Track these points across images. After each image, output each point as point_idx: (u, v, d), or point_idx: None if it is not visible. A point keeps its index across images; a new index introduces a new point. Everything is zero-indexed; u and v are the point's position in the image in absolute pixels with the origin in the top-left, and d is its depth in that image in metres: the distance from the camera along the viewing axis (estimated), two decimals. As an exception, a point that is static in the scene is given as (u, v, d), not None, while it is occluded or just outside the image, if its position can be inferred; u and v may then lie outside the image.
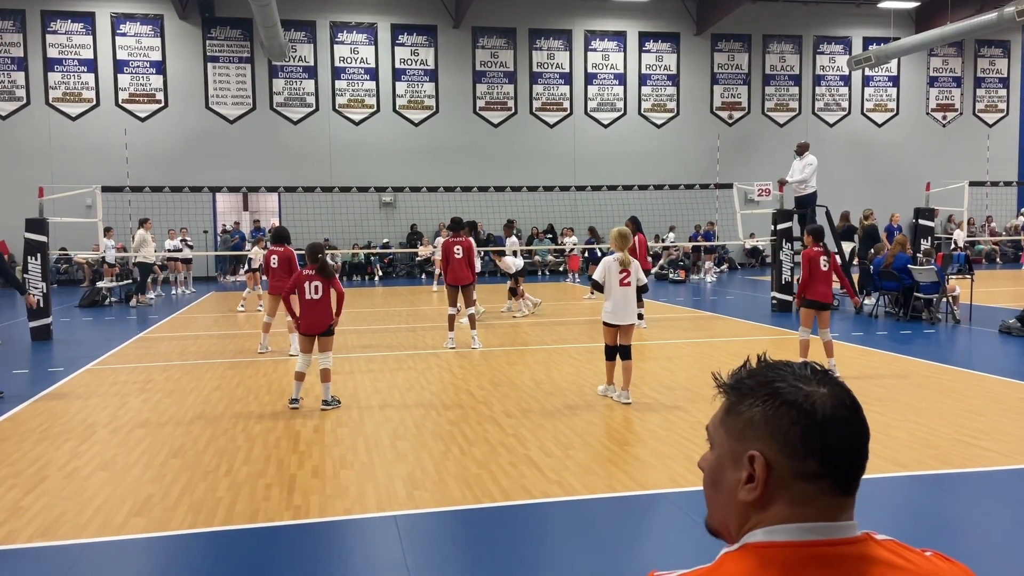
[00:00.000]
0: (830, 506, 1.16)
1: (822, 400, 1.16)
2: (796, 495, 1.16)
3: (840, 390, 1.19)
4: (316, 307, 7.69)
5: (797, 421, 1.16)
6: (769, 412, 1.18)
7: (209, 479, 5.63)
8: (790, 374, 1.21)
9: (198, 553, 4.52)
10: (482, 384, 8.81)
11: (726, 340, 11.85)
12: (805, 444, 1.15)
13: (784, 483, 1.17)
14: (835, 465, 1.16)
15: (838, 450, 1.15)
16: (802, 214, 14.99)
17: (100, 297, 17.65)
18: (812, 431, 1.15)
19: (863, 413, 1.19)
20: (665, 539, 4.73)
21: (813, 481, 1.16)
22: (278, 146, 24.70)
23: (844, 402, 1.17)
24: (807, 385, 1.19)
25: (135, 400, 8.20)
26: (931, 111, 29.46)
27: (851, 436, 1.17)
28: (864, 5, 27.88)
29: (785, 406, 1.17)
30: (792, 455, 1.16)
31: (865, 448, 1.18)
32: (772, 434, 1.17)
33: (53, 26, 23.71)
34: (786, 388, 1.19)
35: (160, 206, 19.61)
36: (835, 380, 1.21)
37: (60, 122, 23.71)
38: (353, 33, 25.47)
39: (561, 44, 26.78)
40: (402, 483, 5.50)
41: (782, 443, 1.17)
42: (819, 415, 1.15)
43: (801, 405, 1.16)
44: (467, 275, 10.97)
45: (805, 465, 1.15)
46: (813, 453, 1.15)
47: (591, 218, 23.80)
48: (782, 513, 1.17)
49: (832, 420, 1.15)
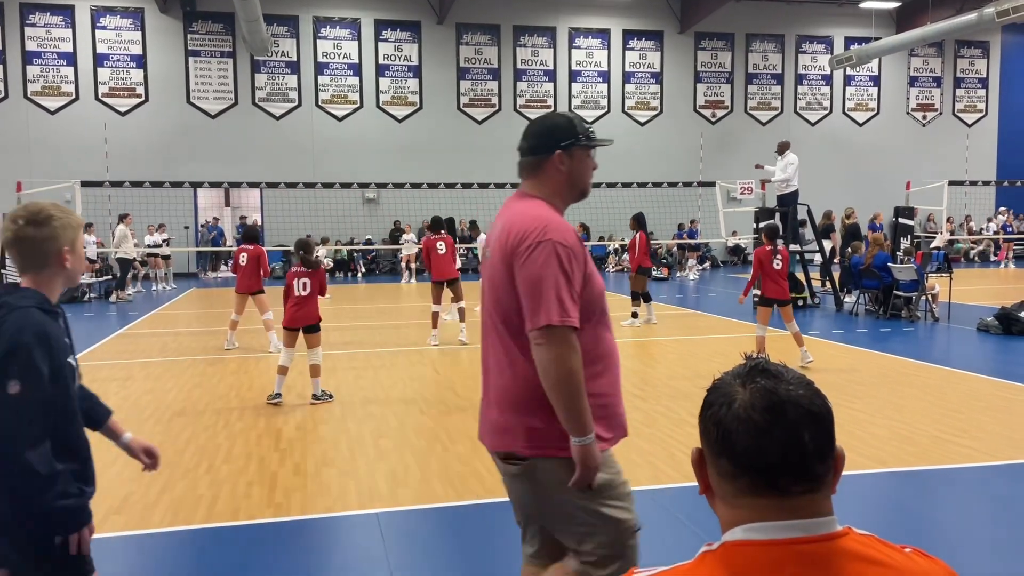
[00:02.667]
0: (765, 507, 1.15)
1: (735, 399, 1.18)
2: (725, 494, 1.20)
3: (762, 390, 1.17)
4: (303, 303, 7.69)
5: (711, 419, 1.21)
6: (704, 410, 1.24)
7: (189, 477, 5.59)
8: (731, 373, 1.24)
9: (178, 551, 4.49)
10: (465, 381, 8.80)
11: (709, 337, 11.90)
12: (717, 442, 1.19)
13: (715, 480, 1.22)
14: (744, 465, 1.16)
15: (745, 450, 1.16)
16: (784, 212, 15.08)
17: (79, 293, 17.48)
18: (720, 430, 1.18)
19: (791, 412, 1.16)
20: (647, 536, 4.73)
21: (732, 480, 1.18)
22: (260, 141, 24.54)
23: (758, 403, 1.16)
24: (732, 386, 1.21)
25: (114, 397, 8.12)
26: (911, 111, 29.70)
27: (759, 436, 1.15)
28: (846, 5, 28.06)
29: (706, 406, 1.23)
30: (712, 453, 1.21)
31: (787, 448, 1.15)
32: (703, 432, 1.23)
33: (32, 19, 23.41)
34: (718, 386, 1.23)
35: (140, 201, 19.44)
36: (772, 377, 1.19)
37: (39, 116, 23.43)
38: (336, 28, 25.34)
39: (545, 41, 26.77)
40: (384, 480, 5.48)
41: (705, 442, 1.22)
42: (725, 414, 1.18)
43: (717, 404, 1.20)
44: (452, 270, 11.19)
45: (720, 464, 1.19)
46: (723, 452, 1.18)
47: (574, 215, 23.81)
48: (722, 511, 1.21)
49: (737, 420, 1.17)
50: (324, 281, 7.90)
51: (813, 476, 1.16)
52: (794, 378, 1.20)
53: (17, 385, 2.23)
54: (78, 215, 2.56)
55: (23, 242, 2.41)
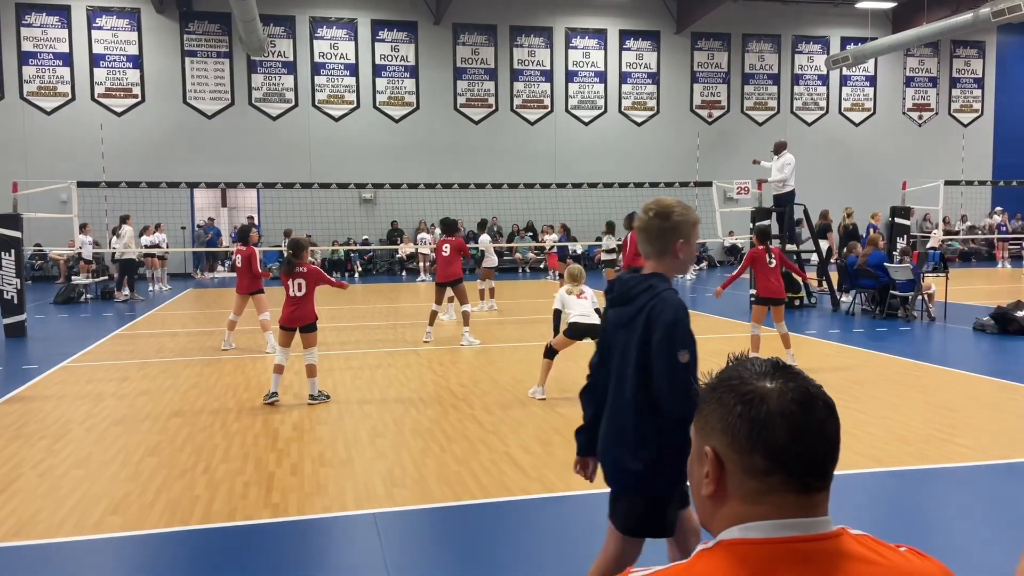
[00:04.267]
0: (786, 504, 1.15)
1: (769, 395, 1.17)
2: (748, 492, 1.17)
3: (794, 385, 1.18)
4: (299, 303, 7.73)
5: (743, 416, 1.17)
6: (721, 408, 1.20)
7: (186, 477, 5.58)
8: (748, 370, 1.22)
9: (175, 552, 4.49)
10: (462, 381, 8.80)
11: (705, 337, 11.86)
12: (750, 439, 1.16)
13: (736, 479, 1.18)
14: (782, 461, 1.15)
15: (784, 445, 1.15)
16: (780, 212, 15.11)
17: (76, 294, 17.44)
18: (756, 426, 1.16)
19: (821, 409, 1.17)
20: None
21: (763, 477, 1.16)
22: (257, 141, 24.51)
23: (793, 397, 1.16)
24: (759, 380, 1.19)
25: (111, 398, 8.11)
26: (907, 111, 29.75)
27: (797, 431, 1.15)
28: (842, 5, 28.10)
29: (734, 401, 1.19)
30: (740, 450, 1.17)
31: (817, 444, 1.16)
32: (724, 429, 1.19)
33: (28, 19, 23.37)
34: (738, 384, 1.20)
35: (137, 202, 19.41)
36: (794, 375, 1.20)
37: (35, 116, 23.39)
38: (333, 28, 25.32)
39: (542, 41, 26.77)
40: (381, 481, 5.48)
41: (731, 438, 1.18)
42: (764, 410, 1.16)
43: (748, 400, 1.17)
44: (454, 272, 11.29)
45: (752, 460, 1.16)
46: (758, 448, 1.16)
47: (571, 216, 23.83)
48: (737, 510, 1.18)
49: (776, 415, 1.15)
50: (322, 278, 7.92)
51: (828, 472, 1.18)
52: (807, 375, 1.22)
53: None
54: (695, 213, 2.89)
55: (649, 231, 2.86)
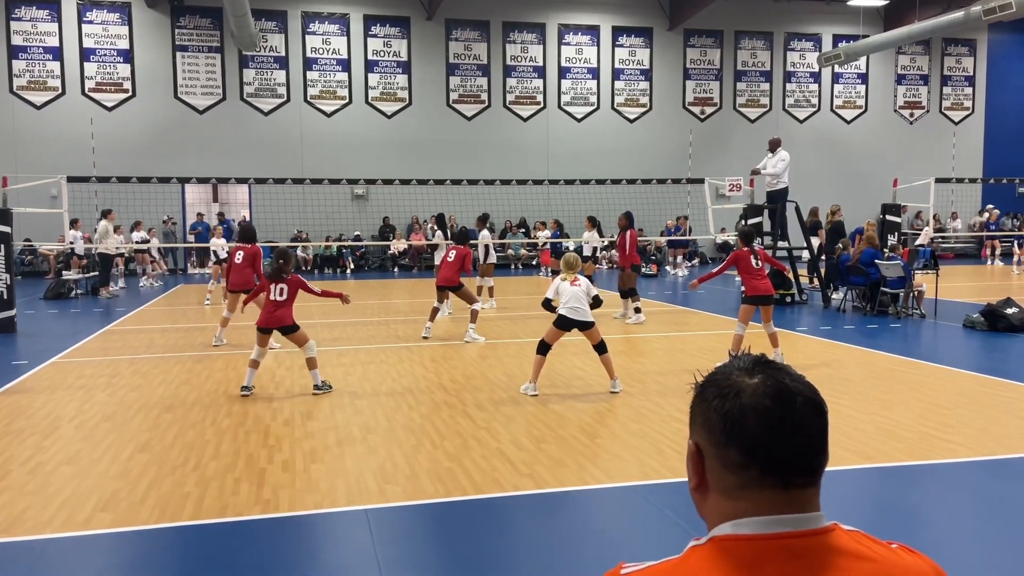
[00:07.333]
0: (767, 499, 1.15)
1: (745, 389, 1.17)
2: (728, 486, 1.17)
3: (772, 381, 1.17)
4: (278, 307, 7.98)
5: (718, 410, 1.17)
6: (703, 403, 1.21)
7: (177, 474, 5.56)
8: (734, 366, 1.22)
9: (165, 548, 4.47)
10: (454, 377, 8.80)
11: (697, 334, 11.93)
12: (724, 432, 1.16)
13: (716, 473, 1.19)
14: (756, 455, 1.14)
15: (758, 439, 1.14)
16: (772, 209, 15.13)
17: (66, 289, 17.36)
18: (729, 419, 1.16)
19: (800, 404, 1.16)
20: (635, 531, 4.75)
21: (739, 471, 1.16)
22: (248, 137, 24.42)
23: (766, 391, 1.16)
24: (740, 376, 1.19)
25: (101, 394, 8.08)
26: (899, 108, 29.84)
27: (770, 426, 1.14)
28: (834, 2, 28.15)
29: (712, 396, 1.19)
30: (716, 444, 1.18)
31: (795, 439, 1.15)
32: (703, 423, 1.20)
33: (18, 13, 23.21)
34: (721, 379, 1.21)
35: (127, 197, 19.32)
36: (776, 371, 1.19)
37: (25, 111, 23.24)
38: (325, 24, 25.24)
39: (535, 38, 26.75)
40: (373, 477, 5.47)
41: (709, 432, 1.19)
42: (737, 404, 1.16)
43: (724, 394, 1.18)
44: (452, 278, 11.54)
45: (727, 454, 1.16)
46: (732, 442, 1.16)
47: (564, 212, 23.83)
48: (720, 505, 1.18)
49: (748, 408, 1.15)
50: (303, 286, 8.11)
51: (813, 469, 1.17)
52: (794, 372, 1.21)
53: None
54: None
55: None
